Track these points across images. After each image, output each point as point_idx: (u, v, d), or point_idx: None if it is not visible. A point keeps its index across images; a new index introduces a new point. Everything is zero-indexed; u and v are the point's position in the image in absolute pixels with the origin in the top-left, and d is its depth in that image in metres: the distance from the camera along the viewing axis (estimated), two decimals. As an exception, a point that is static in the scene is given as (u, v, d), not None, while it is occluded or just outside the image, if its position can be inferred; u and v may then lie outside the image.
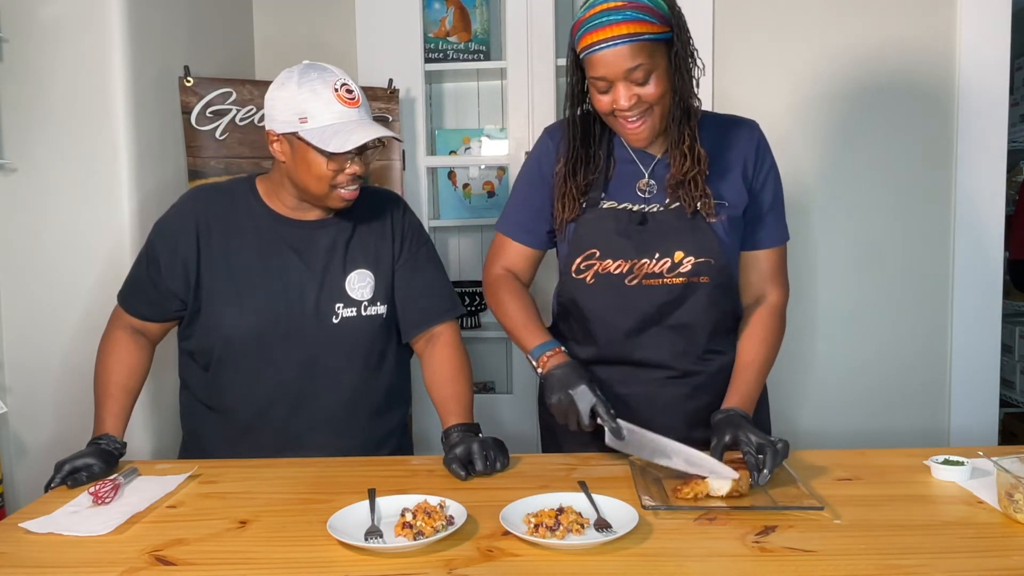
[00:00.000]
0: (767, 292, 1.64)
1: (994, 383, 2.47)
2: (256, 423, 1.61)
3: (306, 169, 1.51)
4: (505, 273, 1.68)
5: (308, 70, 1.50)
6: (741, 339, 1.61)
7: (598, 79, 1.44)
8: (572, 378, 1.48)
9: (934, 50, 2.43)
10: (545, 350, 1.55)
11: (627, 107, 1.45)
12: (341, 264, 1.61)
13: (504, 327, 1.66)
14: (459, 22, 2.65)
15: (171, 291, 1.59)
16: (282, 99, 1.49)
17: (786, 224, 1.66)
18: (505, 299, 1.64)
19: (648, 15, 1.40)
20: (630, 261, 1.56)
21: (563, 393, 1.47)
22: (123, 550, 1.16)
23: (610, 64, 1.41)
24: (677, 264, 1.55)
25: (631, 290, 1.57)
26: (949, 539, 1.15)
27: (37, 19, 1.84)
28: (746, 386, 1.54)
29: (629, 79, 1.42)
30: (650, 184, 1.58)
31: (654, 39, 1.41)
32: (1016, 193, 3.46)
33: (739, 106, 2.47)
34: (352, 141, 1.46)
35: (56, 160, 1.87)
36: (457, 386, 1.64)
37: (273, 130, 1.52)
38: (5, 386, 1.89)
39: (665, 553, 1.12)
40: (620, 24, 1.39)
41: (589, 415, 1.45)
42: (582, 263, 1.58)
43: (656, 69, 1.43)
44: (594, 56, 1.42)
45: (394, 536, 1.15)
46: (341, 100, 1.48)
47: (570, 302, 1.64)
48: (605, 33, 1.40)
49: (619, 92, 1.44)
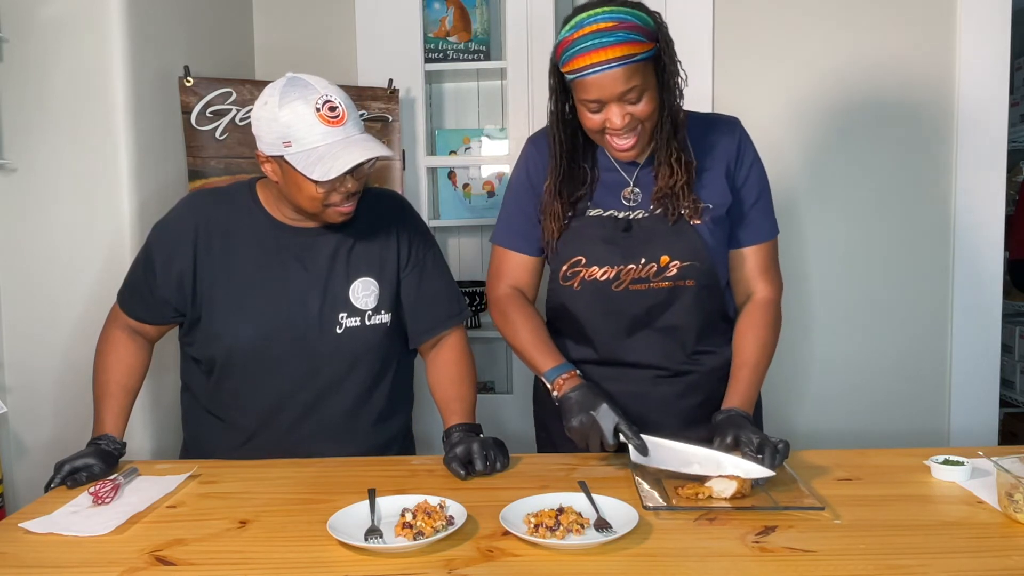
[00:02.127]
0: (758, 288, 1.64)
1: (994, 383, 2.47)
2: (258, 431, 1.61)
3: (297, 191, 1.47)
4: (511, 292, 1.67)
5: (289, 88, 1.42)
6: (737, 338, 1.61)
7: (591, 101, 1.43)
8: (592, 399, 1.47)
9: (934, 50, 2.42)
10: (560, 373, 1.54)
11: (620, 126, 1.44)
12: (344, 273, 1.59)
13: (514, 348, 1.64)
14: (459, 22, 2.65)
15: (166, 300, 1.58)
16: (265, 121, 1.43)
17: (775, 219, 1.65)
18: (514, 319, 1.63)
19: (638, 35, 1.39)
20: (616, 267, 1.56)
21: (585, 415, 1.45)
22: (123, 550, 1.16)
23: (605, 87, 1.40)
24: (663, 268, 1.55)
25: (618, 295, 1.57)
26: (949, 539, 1.15)
27: (37, 19, 1.84)
28: (745, 386, 1.54)
29: (623, 100, 1.42)
30: (635, 192, 1.58)
31: (645, 58, 1.41)
32: (1016, 193, 3.46)
33: (739, 107, 2.47)
34: (336, 168, 1.40)
35: (56, 160, 1.87)
36: (461, 387, 1.64)
37: (261, 151, 1.47)
38: (5, 386, 1.89)
39: (665, 553, 1.12)
40: (613, 47, 1.37)
41: (613, 434, 1.44)
42: (568, 271, 1.59)
43: (648, 88, 1.43)
44: (587, 79, 1.41)
45: (394, 536, 1.15)
46: (324, 120, 1.41)
47: (560, 307, 1.64)
48: (598, 56, 1.38)
49: (612, 112, 1.43)
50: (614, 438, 1.43)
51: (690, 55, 2.43)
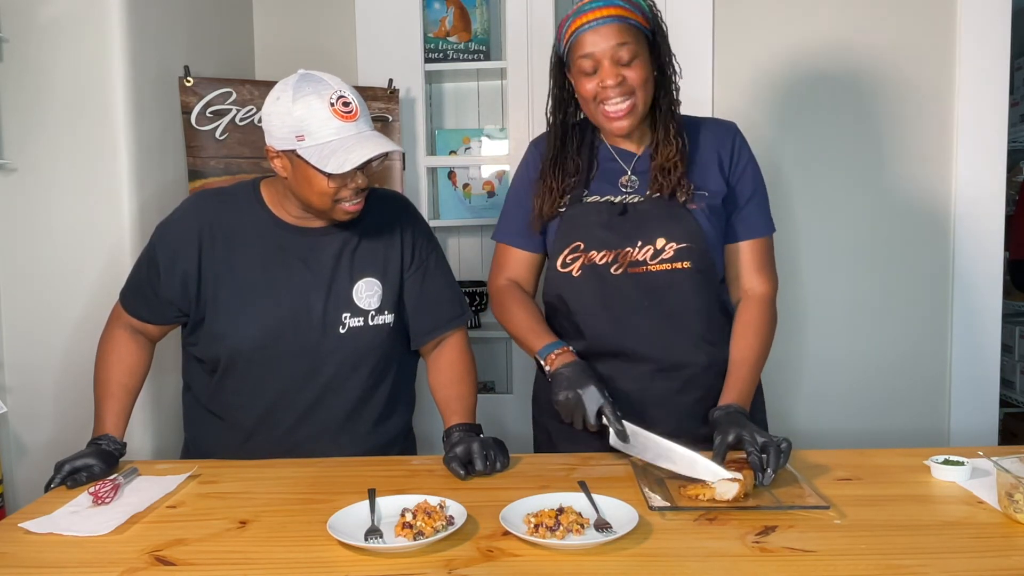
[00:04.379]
0: (753, 284, 1.65)
1: (994, 383, 2.47)
2: (259, 430, 1.61)
3: (307, 186, 1.47)
4: (509, 283, 1.72)
5: (302, 83, 1.43)
6: (734, 334, 1.62)
7: (585, 57, 1.51)
8: (581, 377, 1.51)
9: (934, 50, 2.42)
10: (553, 349, 1.58)
11: (612, 84, 1.50)
12: (348, 273, 1.59)
13: (511, 333, 1.69)
14: (459, 22, 2.65)
15: (169, 300, 1.58)
16: (278, 115, 1.44)
17: (770, 216, 1.68)
18: (511, 307, 1.68)
19: (632, 6, 1.51)
20: (614, 251, 1.59)
21: (571, 391, 1.49)
22: (123, 550, 1.16)
23: (598, 41, 1.49)
24: (660, 251, 1.58)
25: (616, 279, 1.59)
26: (949, 539, 1.15)
27: (37, 19, 1.84)
28: (742, 382, 1.56)
29: (615, 58, 1.50)
30: (632, 180, 1.62)
31: (638, 27, 1.51)
32: (1016, 193, 3.46)
33: (739, 107, 2.48)
34: (351, 161, 1.41)
35: (56, 160, 1.87)
36: (462, 388, 1.64)
37: (272, 146, 1.48)
38: (5, 386, 1.89)
39: (665, 553, 1.12)
40: (608, 7, 1.50)
41: (596, 415, 1.47)
42: (568, 256, 1.62)
43: (640, 54, 1.52)
44: (582, 36, 1.50)
45: (394, 536, 1.15)
46: (338, 115, 1.42)
47: (557, 299, 1.66)
48: (593, 15, 1.49)
49: (605, 71, 1.50)
50: (596, 419, 1.47)
51: (690, 55, 2.46)
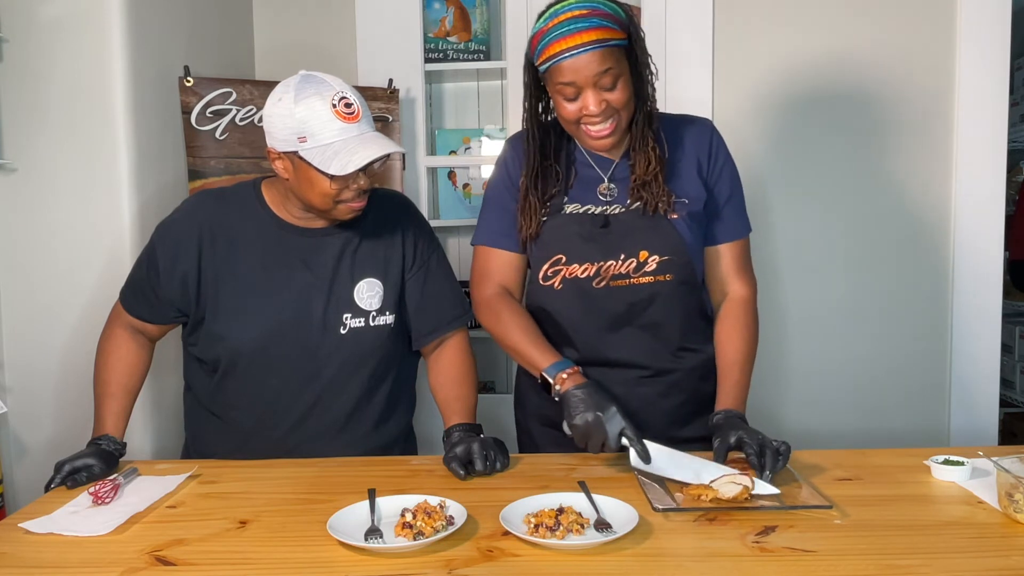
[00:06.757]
0: (734, 287, 1.65)
1: (994, 383, 2.47)
2: (259, 431, 1.60)
3: (309, 187, 1.46)
4: (499, 292, 1.65)
5: (304, 84, 1.43)
6: (721, 338, 1.61)
7: (567, 85, 1.45)
8: (600, 400, 1.44)
9: (934, 50, 2.42)
10: (562, 368, 1.51)
11: (596, 112, 1.46)
12: (349, 273, 1.58)
13: (508, 347, 1.61)
14: (459, 22, 2.65)
15: (169, 300, 1.58)
16: (279, 116, 1.43)
17: (747, 217, 1.67)
18: (506, 319, 1.61)
19: (611, 22, 1.44)
20: (596, 264, 1.57)
21: (591, 415, 1.43)
22: (123, 550, 1.16)
23: (580, 70, 1.43)
24: (643, 263, 1.56)
25: (599, 292, 1.57)
26: (949, 539, 1.15)
27: (37, 19, 1.84)
28: (736, 386, 1.56)
29: (598, 85, 1.44)
30: (611, 188, 1.59)
31: (619, 45, 1.44)
32: (1016, 193, 3.46)
33: (738, 108, 2.48)
34: (354, 163, 1.40)
35: (56, 160, 1.87)
36: (462, 388, 1.64)
37: (273, 148, 1.47)
38: (5, 386, 1.89)
39: (665, 553, 1.12)
40: (588, 31, 1.41)
41: (616, 438, 1.41)
42: (549, 269, 1.59)
43: (622, 75, 1.46)
44: (563, 64, 1.43)
45: (394, 536, 1.15)
46: (340, 116, 1.41)
47: (538, 309, 1.64)
48: (573, 40, 1.41)
49: (588, 98, 1.45)
50: (617, 442, 1.42)
51: (690, 57, 2.46)
